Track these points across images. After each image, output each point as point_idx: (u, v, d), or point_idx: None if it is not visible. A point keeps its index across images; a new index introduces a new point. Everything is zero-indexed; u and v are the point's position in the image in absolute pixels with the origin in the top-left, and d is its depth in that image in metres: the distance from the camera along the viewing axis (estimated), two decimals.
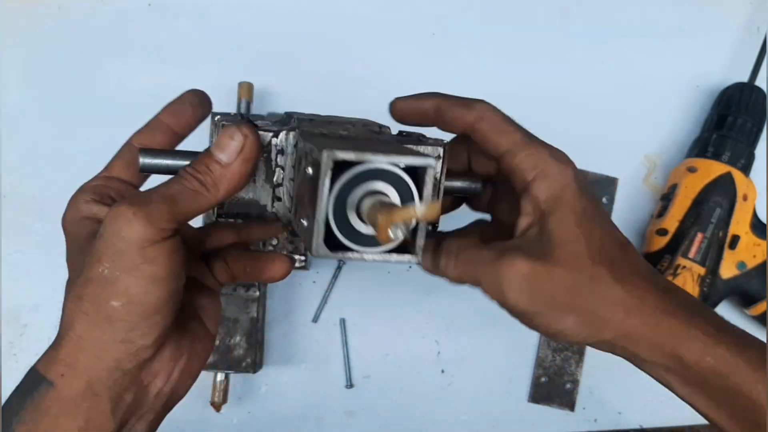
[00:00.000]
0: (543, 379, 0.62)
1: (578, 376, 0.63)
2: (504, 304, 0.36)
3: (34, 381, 0.32)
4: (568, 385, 0.62)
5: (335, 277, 0.63)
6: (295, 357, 0.62)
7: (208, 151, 0.34)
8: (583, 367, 0.63)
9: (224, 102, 0.62)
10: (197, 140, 0.63)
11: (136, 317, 0.31)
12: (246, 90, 0.61)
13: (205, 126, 0.65)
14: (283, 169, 0.38)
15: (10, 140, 0.63)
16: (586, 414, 0.62)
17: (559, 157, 0.37)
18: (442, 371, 0.62)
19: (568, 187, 0.36)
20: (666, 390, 0.38)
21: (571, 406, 0.62)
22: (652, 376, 0.37)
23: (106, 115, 0.64)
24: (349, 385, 0.62)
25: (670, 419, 0.62)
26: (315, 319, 0.62)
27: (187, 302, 0.37)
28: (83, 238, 0.35)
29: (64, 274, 0.61)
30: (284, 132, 0.38)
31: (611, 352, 0.37)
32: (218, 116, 0.42)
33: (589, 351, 0.63)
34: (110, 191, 0.39)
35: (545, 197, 0.35)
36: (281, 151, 0.38)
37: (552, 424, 0.62)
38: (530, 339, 0.63)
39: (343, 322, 0.62)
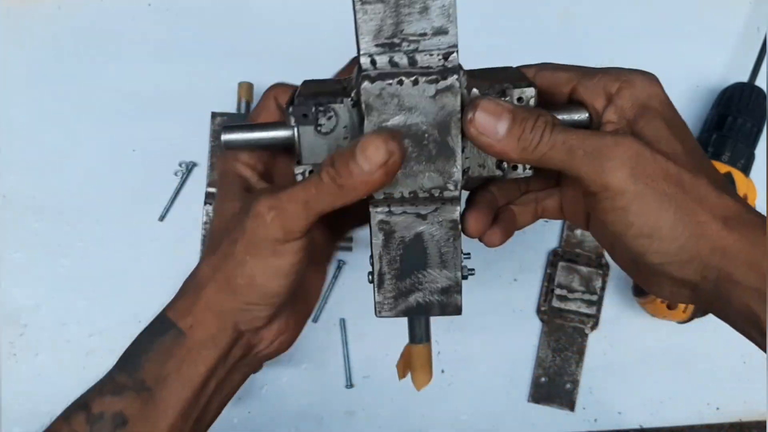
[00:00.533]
0: (543, 379, 0.62)
1: (578, 376, 0.63)
2: (601, 185, 0.32)
3: (165, 326, 0.36)
4: (568, 385, 0.62)
5: (335, 277, 0.63)
6: (295, 357, 0.62)
7: (352, 151, 0.32)
8: (583, 367, 0.63)
9: (224, 102, 0.62)
10: (197, 142, 0.63)
11: (255, 296, 0.36)
12: (246, 90, 0.61)
13: (205, 128, 0.65)
14: None
15: (10, 140, 0.63)
16: (586, 414, 0.62)
17: (643, 72, 0.35)
18: (442, 371, 0.62)
19: (657, 96, 0.34)
20: (666, 390, 0.38)
21: (571, 406, 0.62)
22: (737, 322, 0.35)
23: (106, 115, 0.64)
24: (349, 385, 0.62)
25: (670, 419, 0.62)
26: (315, 319, 0.62)
27: (302, 281, 0.39)
28: (230, 192, 0.38)
29: (64, 274, 0.61)
30: None
31: (696, 284, 0.33)
32: (218, 117, 0.42)
33: (589, 351, 0.63)
34: (265, 155, 0.40)
35: (631, 104, 0.34)
36: None
37: (552, 424, 0.62)
38: (530, 339, 0.63)
39: (343, 322, 0.62)
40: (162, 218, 0.62)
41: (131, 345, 0.37)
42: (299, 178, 0.36)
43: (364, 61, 0.34)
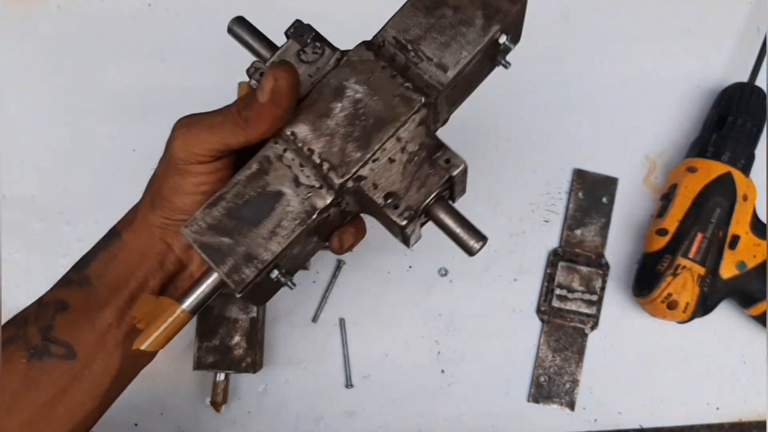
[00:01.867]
0: (543, 379, 0.62)
1: (578, 375, 0.63)
2: None
3: (112, 234, 0.42)
4: (568, 385, 0.62)
5: (335, 276, 0.63)
6: (295, 357, 0.62)
7: (259, 87, 0.37)
8: (582, 366, 0.63)
9: (224, 102, 0.62)
10: None
11: (168, 211, 0.40)
12: (246, 90, 0.61)
13: None
14: None
15: (10, 140, 0.63)
16: (585, 414, 0.62)
17: None
18: (442, 371, 0.62)
19: None
20: (666, 390, 0.38)
21: (570, 406, 0.62)
22: None
23: (106, 115, 0.64)
24: (349, 384, 0.62)
25: (669, 419, 0.62)
26: (315, 319, 0.62)
27: None
28: None
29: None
30: None
31: None
32: None
33: (589, 351, 0.63)
34: (223, 152, 0.40)
35: None
36: None
37: (552, 423, 0.62)
38: (530, 339, 0.63)
39: (342, 321, 0.62)
40: None
41: (84, 255, 0.42)
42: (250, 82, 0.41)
43: (376, 37, 0.39)
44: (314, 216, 0.37)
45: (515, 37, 0.42)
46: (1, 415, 0.38)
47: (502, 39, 0.39)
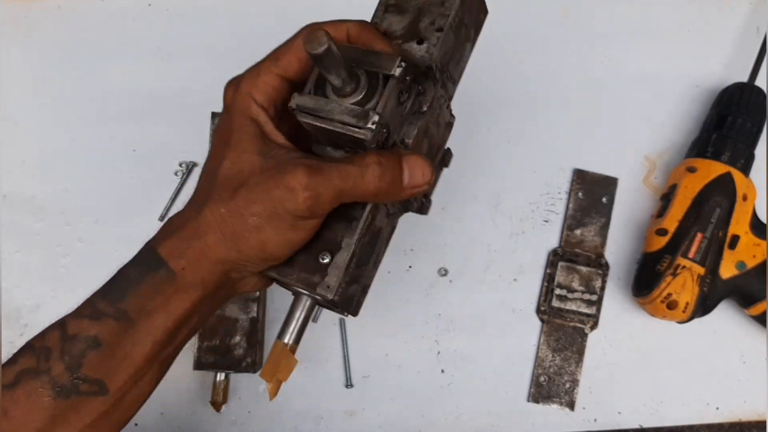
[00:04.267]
0: (542, 379, 0.62)
1: (578, 375, 0.63)
2: None
3: (155, 263, 0.36)
4: (568, 385, 0.62)
5: None
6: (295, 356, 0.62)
7: (398, 162, 0.36)
8: (582, 366, 0.63)
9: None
10: (197, 142, 0.63)
11: (259, 258, 0.37)
12: None
13: (205, 128, 0.65)
14: None
15: (10, 140, 0.63)
16: (585, 413, 0.62)
17: None
18: (442, 371, 0.62)
19: None
20: (665, 389, 0.38)
21: (570, 406, 0.62)
22: None
23: (106, 115, 0.64)
24: (349, 384, 0.62)
25: (669, 419, 0.62)
26: (315, 319, 0.62)
27: None
28: (246, 139, 0.37)
29: (64, 274, 0.61)
30: None
31: None
32: (218, 117, 0.42)
33: (589, 351, 0.63)
34: (278, 100, 0.38)
35: None
36: None
37: (551, 423, 0.62)
38: (530, 339, 0.63)
39: (342, 321, 0.62)
40: (162, 218, 0.62)
41: (117, 275, 0.37)
42: (293, 107, 0.36)
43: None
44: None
45: None
46: None
47: None
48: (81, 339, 0.36)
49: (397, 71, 0.35)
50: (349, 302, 0.40)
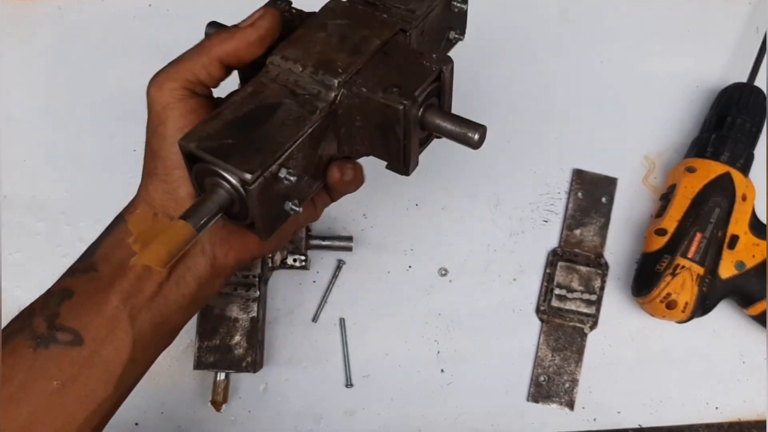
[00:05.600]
0: (542, 379, 0.62)
1: (577, 375, 0.63)
2: None
3: (117, 220, 0.41)
4: (567, 385, 0.63)
5: (335, 276, 0.63)
6: (295, 356, 0.62)
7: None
8: (582, 366, 0.63)
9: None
10: None
11: (161, 172, 0.39)
12: None
13: None
14: None
15: (10, 140, 0.63)
16: (585, 413, 0.63)
17: None
18: (442, 371, 0.63)
19: None
20: (665, 389, 0.38)
21: (570, 406, 0.62)
22: None
23: (106, 115, 0.64)
24: (349, 384, 0.62)
25: (669, 419, 0.62)
26: (315, 319, 0.62)
27: None
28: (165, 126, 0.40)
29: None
30: None
31: None
32: None
33: (588, 350, 0.63)
34: (196, 87, 0.41)
35: None
36: None
37: (551, 423, 0.62)
38: (530, 338, 0.63)
39: (342, 321, 0.62)
40: None
41: (90, 245, 0.41)
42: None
43: None
44: (318, 112, 0.37)
45: None
46: (10, 405, 0.37)
47: None
48: (56, 292, 0.39)
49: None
50: (219, 152, 0.35)
